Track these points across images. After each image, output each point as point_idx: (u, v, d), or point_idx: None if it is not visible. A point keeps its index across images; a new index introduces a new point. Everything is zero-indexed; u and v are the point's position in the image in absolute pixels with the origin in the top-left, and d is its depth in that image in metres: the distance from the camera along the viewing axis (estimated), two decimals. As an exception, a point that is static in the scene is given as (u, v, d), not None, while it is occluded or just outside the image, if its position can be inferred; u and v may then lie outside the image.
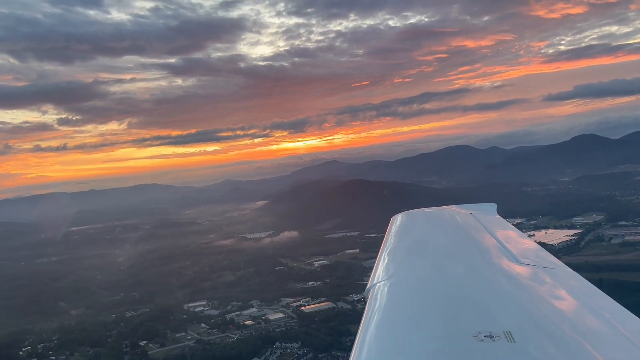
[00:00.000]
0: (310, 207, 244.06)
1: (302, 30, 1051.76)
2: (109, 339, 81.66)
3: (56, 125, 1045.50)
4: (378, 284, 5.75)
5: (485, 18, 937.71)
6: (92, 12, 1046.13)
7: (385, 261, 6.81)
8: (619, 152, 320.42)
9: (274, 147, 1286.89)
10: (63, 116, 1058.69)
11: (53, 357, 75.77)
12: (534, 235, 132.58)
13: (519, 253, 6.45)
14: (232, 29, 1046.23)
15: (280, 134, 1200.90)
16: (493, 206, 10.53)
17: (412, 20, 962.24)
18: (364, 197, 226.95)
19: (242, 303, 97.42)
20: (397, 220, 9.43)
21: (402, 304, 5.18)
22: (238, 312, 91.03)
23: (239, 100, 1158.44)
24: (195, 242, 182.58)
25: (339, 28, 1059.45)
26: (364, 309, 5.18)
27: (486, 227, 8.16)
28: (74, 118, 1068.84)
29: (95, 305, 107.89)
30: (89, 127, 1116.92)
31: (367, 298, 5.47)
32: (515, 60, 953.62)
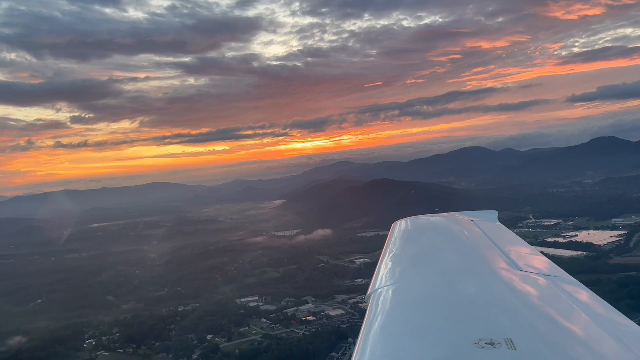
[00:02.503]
0: (333, 206, 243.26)
1: (315, 30, 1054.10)
2: (171, 333, 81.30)
3: (69, 123, 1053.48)
4: (379, 290, 5.70)
5: (500, 19, 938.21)
6: (109, 10, 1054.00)
7: (387, 267, 6.77)
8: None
9: (282, 147, 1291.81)
10: (76, 114, 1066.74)
11: (120, 350, 75.49)
12: (576, 235, 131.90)
13: (520, 260, 6.48)
14: (248, 28, 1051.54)
15: (298, 133, 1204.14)
16: (494, 213, 10.51)
17: (427, 21, 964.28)
18: (389, 196, 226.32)
19: (295, 299, 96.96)
20: (399, 226, 9.40)
21: (402, 311, 5.15)
22: (295, 308, 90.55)
23: (251, 99, 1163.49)
24: (225, 239, 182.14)
25: (352, 28, 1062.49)
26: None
27: (487, 234, 8.19)
28: (87, 116, 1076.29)
29: (143, 300, 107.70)
30: (101, 125, 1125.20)
31: (368, 304, 5.42)
32: (529, 62, 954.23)
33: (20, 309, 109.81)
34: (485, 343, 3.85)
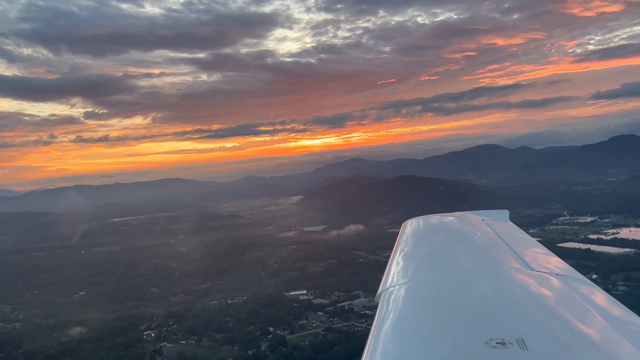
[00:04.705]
0: (356, 202, 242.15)
1: (330, 27, 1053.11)
2: (229, 325, 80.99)
3: (82, 119, 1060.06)
4: (389, 289, 5.67)
5: (516, 16, 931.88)
6: (125, 6, 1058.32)
7: (397, 266, 6.74)
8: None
9: (292, 144, 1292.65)
10: (89, 109, 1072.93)
11: (183, 342, 75.26)
12: (618, 233, 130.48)
13: (531, 260, 6.45)
14: (263, 24, 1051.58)
15: (311, 130, 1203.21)
16: (505, 212, 10.48)
17: (442, 17, 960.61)
18: (414, 193, 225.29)
19: (345, 293, 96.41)
20: (409, 225, 9.41)
21: (413, 310, 5.13)
22: (348, 302, 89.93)
23: (263, 96, 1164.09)
24: (254, 234, 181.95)
25: (367, 24, 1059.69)
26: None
27: (498, 233, 8.17)
28: (100, 112, 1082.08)
29: (189, 293, 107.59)
30: (113, 121, 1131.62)
31: (378, 303, 5.38)
32: (544, 60, 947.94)
33: (65, 300, 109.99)
34: (497, 343, 3.79)
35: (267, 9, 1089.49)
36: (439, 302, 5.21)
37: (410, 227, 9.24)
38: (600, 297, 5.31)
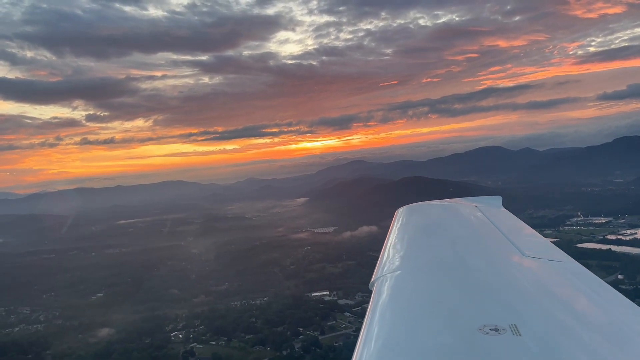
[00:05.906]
0: (364, 203, 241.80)
1: (332, 29, 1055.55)
2: (256, 325, 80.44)
3: (84, 121, 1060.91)
4: (383, 277, 5.70)
5: (518, 17, 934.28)
6: (129, 9, 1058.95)
7: (390, 254, 6.75)
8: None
9: (293, 146, 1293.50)
10: (91, 112, 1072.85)
11: (212, 342, 74.73)
12: (636, 233, 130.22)
13: (525, 246, 6.47)
14: (266, 26, 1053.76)
15: (313, 132, 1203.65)
16: (498, 199, 10.47)
17: (444, 19, 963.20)
18: (424, 194, 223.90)
19: (368, 294, 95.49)
20: (402, 213, 9.35)
21: (406, 297, 5.12)
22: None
23: (265, 98, 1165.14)
24: (265, 236, 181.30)
25: (369, 27, 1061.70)
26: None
27: (492, 219, 8.16)
28: (102, 114, 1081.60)
29: (209, 294, 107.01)
30: (115, 123, 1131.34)
31: (372, 291, 5.40)
32: (546, 61, 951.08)
33: (84, 301, 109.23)
34: (490, 329, 3.81)
35: (270, 11, 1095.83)
36: (432, 289, 5.20)
37: (403, 214, 9.18)
38: (592, 282, 5.28)
